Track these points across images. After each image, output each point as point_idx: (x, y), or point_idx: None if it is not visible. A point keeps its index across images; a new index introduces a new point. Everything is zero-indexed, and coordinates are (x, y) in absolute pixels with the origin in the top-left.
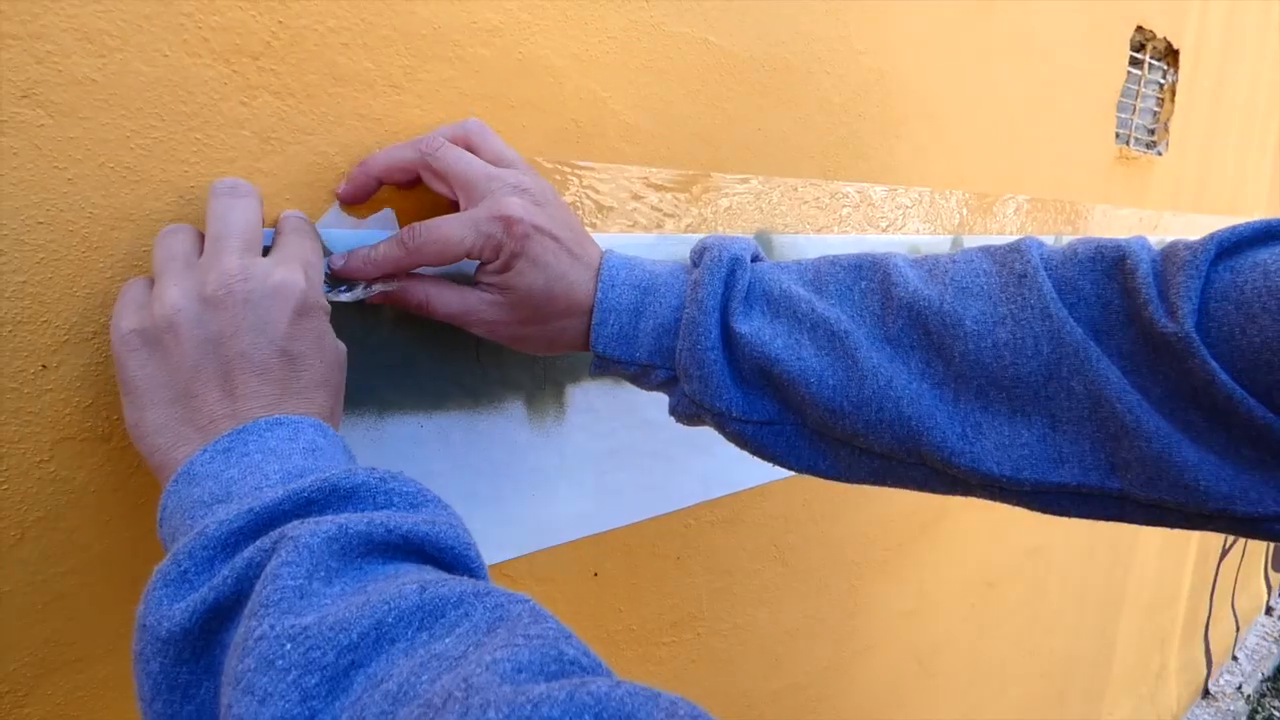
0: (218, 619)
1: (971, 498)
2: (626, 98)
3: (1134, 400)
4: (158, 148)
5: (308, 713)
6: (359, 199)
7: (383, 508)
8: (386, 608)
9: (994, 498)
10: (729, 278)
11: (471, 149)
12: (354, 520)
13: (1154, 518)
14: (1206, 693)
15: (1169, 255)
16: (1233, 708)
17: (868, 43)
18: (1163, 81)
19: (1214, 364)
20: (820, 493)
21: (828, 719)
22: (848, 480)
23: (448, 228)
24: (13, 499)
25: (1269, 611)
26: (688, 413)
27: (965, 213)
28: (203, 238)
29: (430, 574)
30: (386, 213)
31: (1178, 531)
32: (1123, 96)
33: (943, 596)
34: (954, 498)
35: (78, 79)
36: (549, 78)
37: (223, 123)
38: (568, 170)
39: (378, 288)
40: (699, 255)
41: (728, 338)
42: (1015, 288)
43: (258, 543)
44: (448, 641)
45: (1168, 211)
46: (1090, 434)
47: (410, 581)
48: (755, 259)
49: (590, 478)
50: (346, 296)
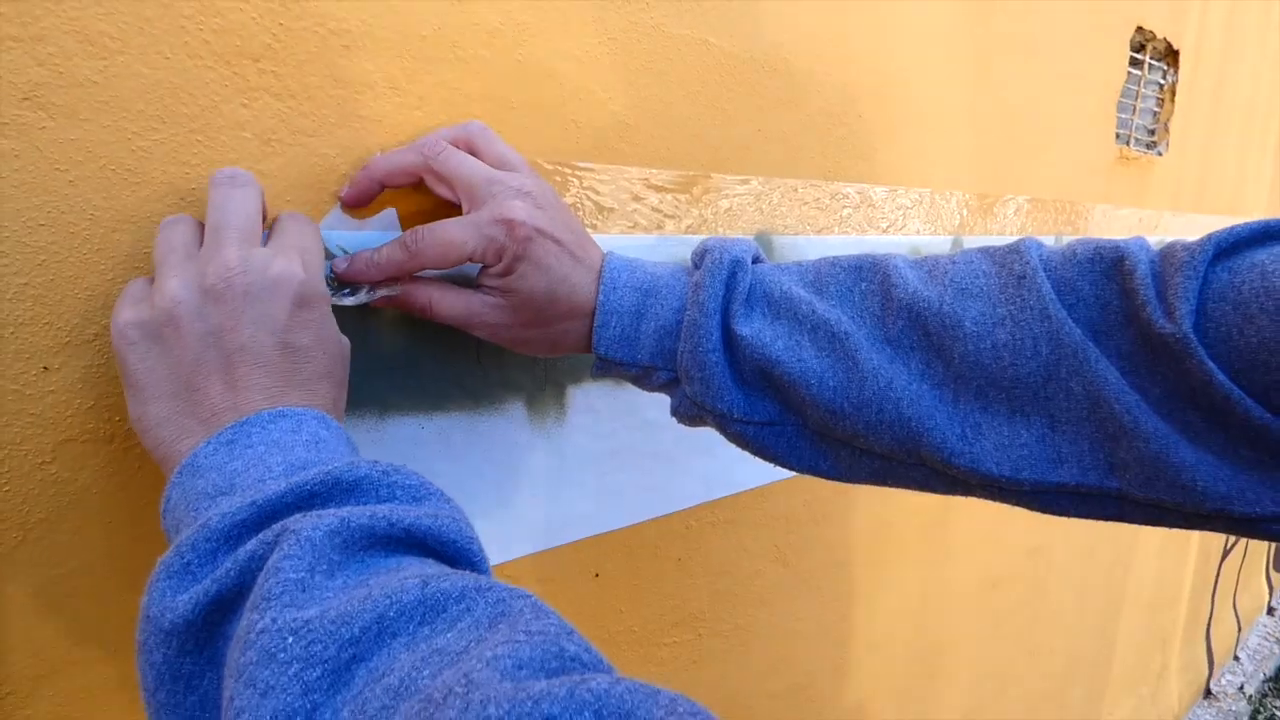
0: (220, 611)
1: (972, 498)
2: (626, 99)
3: (1132, 401)
4: (159, 150)
5: (309, 706)
6: (362, 203)
7: (385, 501)
8: (388, 602)
9: (994, 498)
10: (730, 280)
11: (474, 151)
12: (356, 514)
13: (1153, 517)
14: (1208, 693)
15: (1167, 256)
16: (1234, 708)
17: (868, 43)
18: (1163, 82)
19: (1212, 364)
20: (821, 494)
21: (829, 719)
22: (849, 481)
23: (450, 231)
24: (15, 501)
25: (1271, 612)
26: (689, 414)
27: (965, 213)
28: (203, 228)
29: (432, 568)
30: (388, 213)
31: (1178, 531)
32: (1123, 97)
33: (944, 597)
34: (954, 498)
35: (79, 81)
36: (549, 79)
37: (224, 125)
38: (568, 171)
39: (382, 292)
40: (700, 257)
41: (729, 339)
42: (1014, 289)
43: (260, 535)
44: (449, 636)
45: (1168, 212)
46: (1089, 434)
47: (412, 576)
48: (756, 261)
49: (591, 479)
50: (351, 300)
